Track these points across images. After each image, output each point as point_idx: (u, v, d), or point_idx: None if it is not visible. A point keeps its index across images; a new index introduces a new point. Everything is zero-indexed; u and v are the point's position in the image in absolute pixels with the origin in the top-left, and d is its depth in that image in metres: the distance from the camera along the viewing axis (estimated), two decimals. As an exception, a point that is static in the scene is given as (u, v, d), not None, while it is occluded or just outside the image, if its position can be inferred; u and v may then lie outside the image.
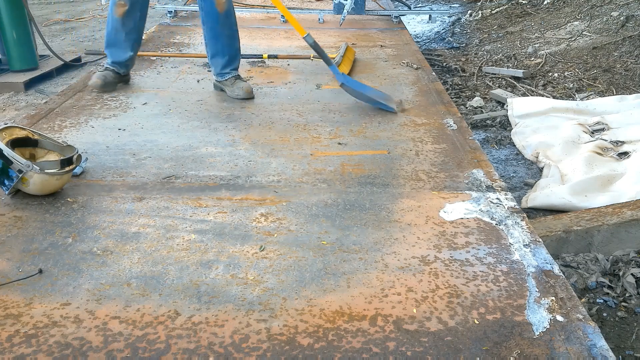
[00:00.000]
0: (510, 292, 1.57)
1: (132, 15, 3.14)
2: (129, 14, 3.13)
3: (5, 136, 2.05)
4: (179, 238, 1.82)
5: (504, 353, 1.35)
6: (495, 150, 3.31)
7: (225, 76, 3.21)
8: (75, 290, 1.56)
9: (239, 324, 1.44)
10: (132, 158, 2.40)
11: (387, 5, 6.28)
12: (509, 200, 2.07)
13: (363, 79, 3.64)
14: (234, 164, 2.36)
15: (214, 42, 3.16)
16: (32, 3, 7.28)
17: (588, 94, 3.99)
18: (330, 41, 4.68)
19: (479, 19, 6.87)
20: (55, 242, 1.78)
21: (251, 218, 1.94)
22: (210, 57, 3.23)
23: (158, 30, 5.00)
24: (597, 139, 3.14)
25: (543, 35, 5.48)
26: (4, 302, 1.51)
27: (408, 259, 1.72)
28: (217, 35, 3.12)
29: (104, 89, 3.18)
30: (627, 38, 4.71)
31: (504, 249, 1.78)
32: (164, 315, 1.47)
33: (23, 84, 4.12)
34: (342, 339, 1.39)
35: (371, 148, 2.55)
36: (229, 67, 3.21)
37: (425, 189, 2.17)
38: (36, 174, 1.95)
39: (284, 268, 1.67)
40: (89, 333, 1.40)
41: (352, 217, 1.96)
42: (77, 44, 5.58)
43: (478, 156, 2.46)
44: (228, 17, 3.10)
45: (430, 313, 1.49)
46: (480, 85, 4.46)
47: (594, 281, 2.08)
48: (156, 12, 7.07)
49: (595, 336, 1.40)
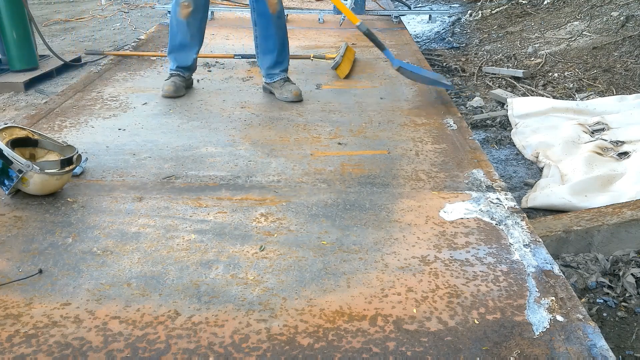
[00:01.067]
0: (510, 292, 1.57)
1: (196, 15, 3.14)
2: (194, 15, 3.12)
3: (5, 136, 2.05)
4: (179, 238, 1.82)
5: (504, 353, 1.35)
6: (495, 150, 3.31)
7: (274, 77, 3.22)
8: (75, 290, 1.56)
9: (239, 324, 1.44)
10: (132, 158, 2.40)
11: (387, 5, 6.28)
12: (509, 200, 2.07)
13: (363, 79, 3.64)
14: (234, 164, 2.36)
15: (265, 43, 3.18)
16: (32, 3, 7.29)
17: (588, 94, 3.99)
18: (330, 41, 4.69)
19: (479, 19, 6.86)
20: (55, 242, 1.78)
21: (251, 218, 1.94)
22: (260, 58, 3.25)
23: (158, 30, 5.00)
24: (597, 139, 3.14)
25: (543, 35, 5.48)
26: (4, 302, 1.51)
27: (408, 259, 1.72)
28: (269, 36, 3.15)
29: (176, 94, 3.16)
30: (627, 38, 4.71)
31: (504, 249, 1.78)
32: (164, 315, 1.47)
33: (23, 84, 4.12)
34: (342, 339, 1.39)
35: (371, 148, 2.55)
36: (278, 67, 3.22)
37: (425, 189, 2.17)
38: (36, 174, 1.95)
39: (284, 268, 1.67)
40: (89, 333, 1.40)
41: (352, 217, 1.96)
42: (77, 44, 5.57)
43: (478, 156, 2.46)
44: (280, 18, 3.14)
45: (430, 313, 1.49)
46: (480, 85, 4.46)
47: (594, 281, 2.08)
48: (156, 12, 7.09)
49: (595, 336, 1.40)
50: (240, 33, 4.87)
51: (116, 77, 3.57)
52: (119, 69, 3.75)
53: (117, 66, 3.83)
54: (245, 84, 3.50)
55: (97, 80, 3.49)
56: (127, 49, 4.39)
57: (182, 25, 3.14)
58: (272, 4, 3.06)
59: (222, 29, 5.07)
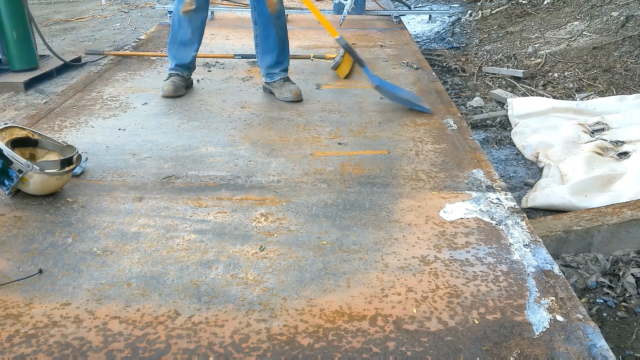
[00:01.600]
0: (510, 292, 1.57)
1: (198, 13, 3.15)
2: (196, 12, 3.13)
3: (5, 136, 2.05)
4: (179, 238, 1.82)
5: (504, 353, 1.35)
6: (495, 150, 3.31)
7: (274, 77, 3.22)
8: (75, 290, 1.56)
9: (239, 324, 1.44)
10: (132, 158, 2.40)
11: (387, 5, 6.28)
12: (509, 200, 2.07)
13: (363, 79, 3.64)
14: (234, 164, 2.36)
15: (265, 42, 3.19)
16: (32, 3, 7.29)
17: (588, 94, 3.99)
18: (330, 41, 4.68)
19: (479, 19, 6.86)
20: (55, 242, 1.78)
21: (251, 218, 1.94)
22: (260, 57, 3.25)
23: (158, 30, 5.00)
24: (597, 139, 3.14)
25: (543, 35, 5.48)
26: (4, 302, 1.51)
27: (408, 259, 1.72)
28: (269, 35, 3.16)
29: (176, 94, 3.17)
30: (627, 38, 4.71)
31: (504, 249, 1.78)
32: (164, 315, 1.47)
33: (23, 84, 4.12)
34: (342, 339, 1.39)
35: (371, 148, 2.55)
36: (278, 67, 3.22)
37: (425, 189, 2.17)
38: (36, 174, 1.95)
39: (284, 268, 1.67)
40: (89, 333, 1.40)
41: (352, 217, 1.96)
42: (77, 44, 5.58)
43: (478, 156, 2.46)
44: (279, 18, 3.14)
45: (430, 313, 1.49)
46: (480, 85, 4.46)
47: (594, 281, 2.08)
48: (156, 12, 7.09)
49: (595, 336, 1.40)
50: (240, 33, 4.87)
51: (116, 77, 3.57)
52: (119, 69, 3.75)
53: (117, 66, 3.83)
54: (245, 84, 3.50)
55: (97, 80, 3.49)
56: (127, 49, 4.39)
57: (183, 21, 3.14)
58: (271, 3, 3.06)
59: (222, 29, 5.07)
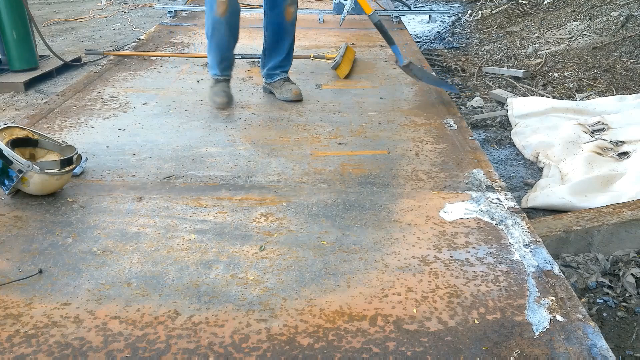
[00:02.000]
0: (510, 292, 1.57)
1: (232, 10, 3.01)
2: (231, 10, 3.00)
3: (5, 136, 2.05)
4: (179, 238, 1.82)
5: (504, 353, 1.35)
6: (495, 150, 3.31)
7: (275, 77, 3.21)
8: (75, 290, 1.56)
9: (239, 324, 1.44)
10: (132, 158, 2.40)
11: (387, 5, 6.27)
12: (509, 200, 2.07)
13: (363, 79, 3.64)
14: (234, 164, 2.36)
15: (275, 46, 3.17)
16: (32, 3, 7.29)
17: (588, 94, 3.99)
18: (330, 41, 4.69)
19: (479, 19, 6.86)
20: (55, 242, 1.78)
21: (251, 218, 1.94)
22: (266, 59, 3.23)
23: (158, 30, 5.00)
24: (597, 139, 3.14)
25: (543, 35, 5.47)
26: (4, 302, 1.51)
27: (408, 259, 1.72)
28: (279, 41, 3.15)
29: (230, 105, 3.03)
30: (627, 38, 4.71)
31: (504, 249, 1.78)
32: (164, 315, 1.47)
33: (23, 84, 4.12)
34: (342, 339, 1.39)
35: (371, 148, 2.55)
36: (279, 68, 3.21)
37: (425, 189, 2.17)
38: (36, 174, 1.95)
39: (284, 268, 1.67)
40: (89, 333, 1.40)
41: (352, 217, 1.96)
42: (77, 44, 5.58)
43: (478, 156, 2.46)
44: (293, 25, 3.14)
45: (430, 313, 1.49)
46: (480, 85, 4.46)
47: (594, 281, 2.08)
48: (156, 12, 7.09)
49: (595, 336, 1.40)
50: (240, 33, 4.86)
51: (116, 77, 3.57)
52: (119, 69, 3.75)
53: (117, 66, 3.83)
54: (245, 84, 3.50)
55: (97, 80, 3.49)
56: (127, 49, 4.39)
57: (220, 24, 2.98)
58: (289, 12, 3.04)
59: (222, 29, 5.05)
